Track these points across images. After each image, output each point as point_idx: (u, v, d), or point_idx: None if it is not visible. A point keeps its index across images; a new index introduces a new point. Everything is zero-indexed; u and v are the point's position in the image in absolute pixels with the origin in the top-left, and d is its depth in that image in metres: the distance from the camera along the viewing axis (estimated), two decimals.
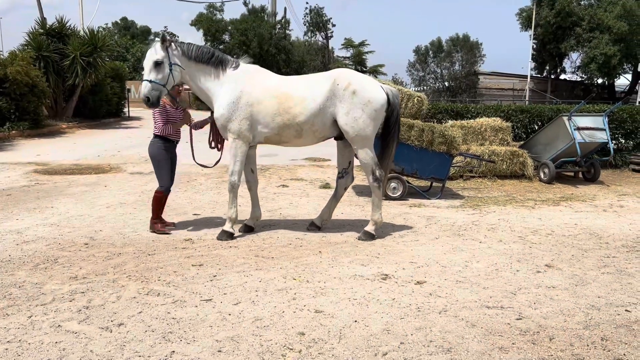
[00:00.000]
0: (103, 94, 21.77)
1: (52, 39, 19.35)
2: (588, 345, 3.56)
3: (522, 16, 34.50)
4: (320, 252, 5.48)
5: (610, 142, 10.19)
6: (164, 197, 6.18)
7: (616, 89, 35.45)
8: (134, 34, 50.40)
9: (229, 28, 34.63)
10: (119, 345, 3.42)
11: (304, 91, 5.80)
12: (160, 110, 5.96)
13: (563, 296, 4.40)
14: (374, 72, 40.81)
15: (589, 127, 10.05)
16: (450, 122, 10.59)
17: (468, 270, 4.98)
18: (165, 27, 67.45)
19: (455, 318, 3.92)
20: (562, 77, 37.41)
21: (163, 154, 6.08)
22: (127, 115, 25.47)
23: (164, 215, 6.35)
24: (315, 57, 37.17)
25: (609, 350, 3.49)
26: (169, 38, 5.82)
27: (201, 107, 30.18)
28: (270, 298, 4.23)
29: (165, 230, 6.08)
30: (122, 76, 24.90)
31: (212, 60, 5.86)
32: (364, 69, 40.91)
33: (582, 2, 31.92)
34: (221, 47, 36.14)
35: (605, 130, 10.13)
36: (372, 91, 5.82)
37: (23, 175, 9.58)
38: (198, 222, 6.59)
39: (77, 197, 7.91)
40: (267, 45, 30.97)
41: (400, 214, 7.30)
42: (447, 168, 8.54)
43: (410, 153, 8.32)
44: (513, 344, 3.55)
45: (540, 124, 11.68)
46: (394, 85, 8.21)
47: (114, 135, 17.55)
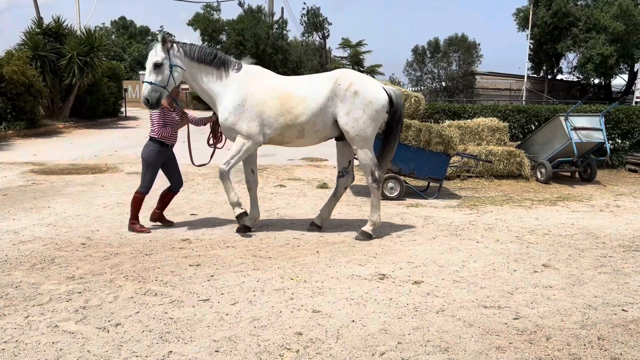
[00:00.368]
0: (100, 94, 21.71)
1: (48, 39, 19.31)
2: (585, 344, 3.57)
3: (519, 16, 34.56)
4: (317, 252, 5.48)
5: (606, 142, 10.22)
6: (143, 199, 6.19)
7: (612, 89, 35.54)
8: (133, 33, 50.29)
9: (226, 28, 34.61)
10: (116, 346, 3.42)
11: (305, 91, 5.81)
12: (158, 112, 5.97)
13: (560, 296, 4.42)
14: (371, 72, 40.78)
15: (585, 127, 10.08)
16: (447, 122, 10.61)
17: (465, 270, 4.99)
18: (161, 26, 67.38)
19: (453, 318, 3.93)
20: (559, 77, 37.50)
21: (154, 158, 6.08)
22: (124, 115, 25.42)
23: (152, 211, 6.47)
24: (313, 57, 37.16)
25: (606, 350, 3.50)
26: (171, 39, 5.80)
27: (199, 107, 30.19)
28: (268, 298, 4.22)
29: (144, 230, 6.09)
30: (119, 76, 24.86)
31: (215, 61, 5.85)
32: (362, 69, 40.88)
33: (579, 3, 31.99)
34: (218, 47, 36.10)
35: (601, 130, 10.16)
36: (374, 92, 5.83)
37: (20, 175, 9.55)
38: (195, 222, 6.59)
39: (74, 197, 7.89)
40: (263, 45, 30.94)
41: (397, 214, 7.31)
42: (445, 168, 8.55)
43: (407, 153, 8.33)
44: (510, 343, 3.56)
45: (537, 124, 11.71)
46: (391, 86, 8.23)
47: (111, 135, 17.52)
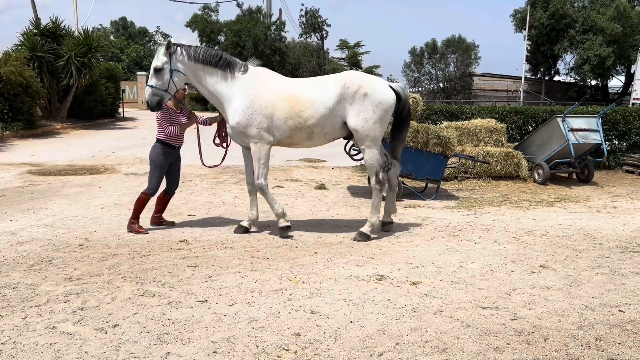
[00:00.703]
0: (97, 95, 21.69)
1: (46, 39, 19.28)
2: (582, 345, 3.58)
3: (516, 17, 34.67)
4: (315, 253, 5.49)
5: (603, 144, 10.24)
6: (148, 200, 6.24)
7: (609, 90, 35.64)
8: (132, 34, 50.25)
9: (224, 29, 34.61)
10: (114, 347, 3.42)
11: (314, 94, 5.84)
12: (163, 113, 6.03)
13: (557, 297, 4.43)
14: (369, 73, 40.76)
15: (582, 128, 10.11)
16: (445, 123, 10.63)
17: (463, 271, 5.00)
18: (157, 27, 67.30)
19: (451, 318, 3.94)
20: (556, 78, 37.61)
21: (161, 160, 6.14)
22: (122, 115, 25.39)
23: (151, 215, 6.51)
24: (311, 59, 37.20)
25: (603, 351, 3.51)
26: (175, 43, 5.87)
27: (196, 108, 30.15)
28: (266, 299, 4.22)
29: (142, 231, 6.10)
30: (116, 77, 24.82)
31: (220, 63, 5.87)
32: (359, 70, 40.94)
33: (576, 4, 32.09)
34: (216, 48, 36.11)
35: (598, 131, 10.18)
36: (383, 92, 5.89)
37: (17, 176, 9.53)
38: (193, 223, 6.59)
39: (71, 198, 7.88)
40: (261, 46, 30.96)
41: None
42: (442, 169, 8.56)
43: (405, 154, 8.28)
44: (508, 344, 3.57)
45: (534, 125, 11.72)
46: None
47: (109, 136, 17.49)
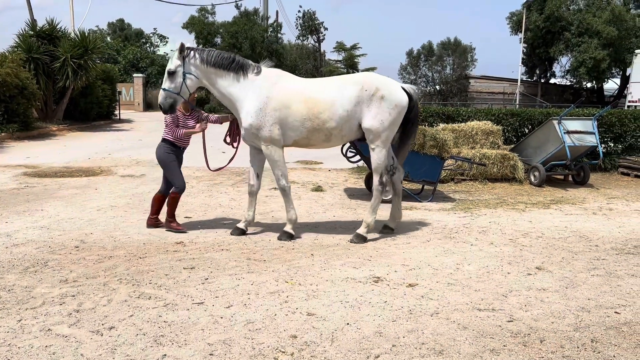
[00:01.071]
0: (94, 97, 21.64)
1: (42, 41, 19.24)
2: (578, 347, 3.59)
3: (512, 20, 34.80)
4: (312, 254, 5.48)
5: (599, 146, 10.27)
6: (179, 198, 6.33)
7: (605, 93, 35.81)
8: (127, 35, 50.16)
9: (221, 31, 34.60)
10: (109, 349, 3.40)
11: (333, 96, 5.86)
12: (172, 115, 6.07)
13: (553, 298, 4.44)
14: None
15: (578, 130, 10.13)
16: (441, 126, 10.63)
17: (459, 273, 5.01)
18: (154, 29, 67.18)
19: (447, 320, 3.94)
20: (552, 81, 37.76)
21: (171, 157, 6.19)
22: (118, 117, 25.34)
23: (147, 218, 6.52)
24: (307, 61, 37.23)
25: (599, 352, 3.52)
26: (188, 47, 5.89)
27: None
28: (262, 301, 4.22)
29: (181, 229, 6.23)
30: (113, 78, 24.76)
31: (233, 66, 5.90)
32: (356, 72, 40.99)
33: (571, 7, 32.23)
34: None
35: (594, 133, 10.21)
36: (399, 95, 5.95)
37: (12, 178, 9.50)
38: (189, 225, 6.57)
39: (67, 199, 7.85)
40: (259, 48, 30.97)
41: (389, 217, 7.31)
42: (439, 171, 8.58)
43: None
44: (504, 346, 3.57)
45: (530, 127, 11.75)
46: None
47: (105, 137, 17.46)
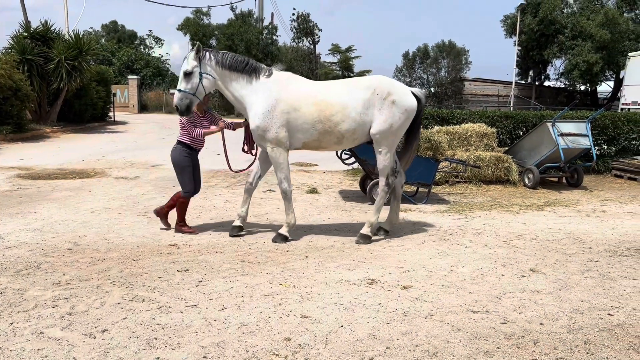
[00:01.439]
0: (88, 98, 21.59)
1: (36, 42, 19.17)
2: (572, 348, 3.60)
3: (506, 23, 34.96)
4: (306, 257, 5.48)
5: (593, 148, 10.33)
6: (188, 202, 6.35)
7: (599, 95, 36.01)
8: (122, 37, 50.06)
9: (216, 33, 34.60)
10: (102, 352, 3.38)
11: (345, 99, 5.87)
12: (188, 117, 6.07)
13: (547, 300, 4.45)
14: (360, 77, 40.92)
15: (572, 133, 10.18)
16: (436, 128, 10.65)
17: (454, 275, 5.01)
18: (150, 30, 67.12)
19: (441, 322, 3.94)
20: (546, 83, 37.95)
21: (186, 160, 6.18)
22: (113, 119, 25.29)
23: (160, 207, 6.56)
24: (303, 63, 37.25)
25: (592, 354, 3.53)
26: (204, 48, 5.91)
27: None
28: (257, 303, 4.21)
29: (193, 231, 6.26)
30: (107, 80, 24.73)
31: (247, 69, 5.92)
32: (351, 74, 41.05)
33: (565, 10, 32.42)
34: None
35: (588, 136, 10.27)
36: (409, 100, 5.97)
37: (5, 180, 9.44)
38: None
39: (60, 202, 7.81)
40: (254, 50, 30.98)
41: (386, 219, 7.31)
42: (433, 173, 8.59)
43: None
44: (498, 348, 3.58)
45: (524, 129, 11.80)
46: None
47: (99, 139, 17.40)
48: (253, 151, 6.48)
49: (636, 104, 20.72)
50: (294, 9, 70.29)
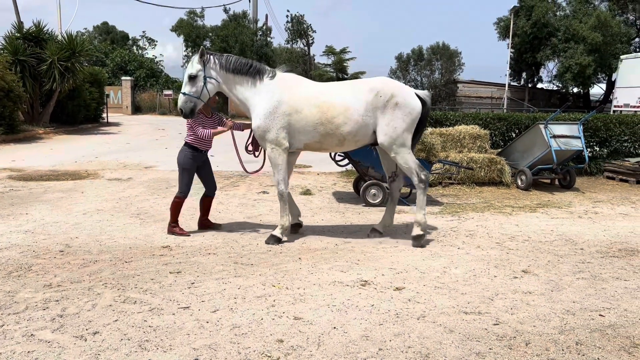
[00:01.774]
0: (81, 99, 21.49)
1: (29, 43, 19.08)
2: (563, 349, 3.61)
3: (499, 26, 35.08)
4: (300, 258, 5.47)
5: (585, 150, 10.39)
6: (182, 203, 6.37)
7: (591, 98, 36.19)
8: (114, 38, 49.89)
9: (210, 34, 34.55)
10: (93, 354, 3.36)
11: (347, 101, 5.86)
12: (194, 118, 6.10)
13: (539, 301, 4.46)
14: (355, 79, 41.04)
15: (564, 135, 10.24)
16: (429, 130, 10.68)
17: (446, 276, 5.02)
18: (143, 31, 66.93)
19: (434, 324, 3.95)
20: (539, 86, 38.10)
21: (189, 163, 6.23)
22: (106, 121, 25.20)
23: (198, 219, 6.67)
24: (297, 65, 37.27)
25: (584, 355, 3.55)
26: (208, 52, 5.95)
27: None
28: (249, 305, 4.20)
29: (184, 233, 6.27)
30: (100, 81, 24.64)
31: (250, 71, 5.97)
32: (345, 76, 41.11)
33: (558, 13, 32.59)
34: None
35: (580, 138, 10.33)
36: (412, 102, 5.94)
37: None
38: None
39: (52, 203, 7.77)
40: (249, 52, 30.97)
41: (379, 220, 7.31)
42: None
43: None
44: (490, 349, 3.58)
45: (517, 131, 11.85)
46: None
47: (92, 141, 17.32)
48: (257, 152, 6.51)
49: (628, 106, 20.87)
50: (288, 10, 70.32)
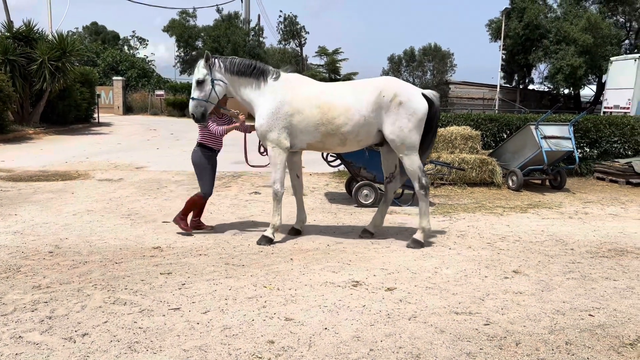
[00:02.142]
0: (72, 100, 21.34)
1: (19, 43, 18.93)
2: (553, 349, 3.63)
3: (491, 27, 35.24)
4: (291, 259, 5.46)
5: (575, 151, 10.45)
6: (203, 203, 6.46)
7: (582, 99, 36.44)
8: (105, 38, 49.59)
9: (202, 34, 34.47)
10: (82, 356, 3.33)
11: (348, 101, 5.85)
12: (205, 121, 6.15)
13: (529, 301, 4.48)
14: (348, 80, 41.14)
15: (555, 136, 10.30)
16: None
17: (437, 277, 5.03)
18: (133, 31, 66.63)
19: (425, 324, 3.95)
20: (531, 87, 38.32)
21: (206, 161, 6.28)
22: (97, 121, 25.05)
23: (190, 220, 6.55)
24: (289, 65, 37.26)
25: (573, 354, 3.56)
26: (212, 55, 5.99)
27: (173, 114, 29.80)
28: (240, 306, 4.18)
29: (188, 230, 6.31)
30: (92, 81, 24.48)
31: (254, 73, 6.00)
32: (338, 77, 41.16)
33: (549, 15, 32.80)
34: (194, 53, 35.93)
35: (570, 139, 10.39)
36: (417, 101, 5.90)
37: None
38: (167, 230, 6.50)
39: (42, 204, 7.71)
40: (241, 52, 30.91)
41: (370, 222, 7.32)
42: None
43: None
44: (481, 349, 3.59)
45: (508, 132, 11.90)
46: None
47: (83, 141, 17.21)
48: (266, 153, 6.54)
49: (618, 107, 21.05)
50: (281, 11, 70.38)
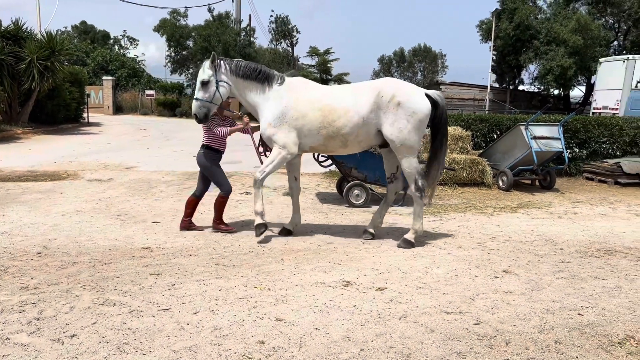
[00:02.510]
0: (61, 99, 21.18)
1: (7, 42, 18.76)
2: (542, 348, 3.65)
3: (482, 28, 35.44)
4: (282, 259, 5.45)
5: (565, 151, 10.53)
6: (227, 200, 6.49)
7: (571, 100, 36.75)
8: (94, 38, 49.21)
9: (193, 34, 34.34)
10: (70, 358, 3.30)
11: (347, 103, 5.87)
12: (210, 121, 6.15)
13: (519, 301, 4.50)
14: (339, 80, 41.18)
15: (545, 136, 10.37)
16: None
17: (428, 276, 5.04)
18: (124, 31, 66.20)
19: (415, 324, 3.95)
20: (521, 87, 38.57)
21: (212, 161, 6.32)
22: (87, 121, 24.85)
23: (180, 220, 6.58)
24: (281, 65, 37.23)
25: (562, 353, 3.58)
26: (218, 57, 6.00)
27: (163, 113, 29.60)
28: (230, 307, 4.16)
29: (230, 229, 6.43)
30: (81, 81, 24.28)
31: (259, 77, 6.02)
32: (329, 77, 41.19)
33: (540, 16, 33.03)
34: (184, 52, 35.78)
35: (560, 139, 10.46)
36: (417, 101, 5.86)
37: None
38: (157, 230, 6.46)
39: (30, 204, 7.63)
40: (232, 52, 30.82)
41: (362, 221, 7.33)
42: None
43: (373, 161, 8.38)
44: (471, 348, 3.60)
45: (498, 133, 11.96)
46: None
47: (72, 141, 17.07)
48: (267, 153, 6.59)
49: (607, 108, 21.23)
50: (272, 10, 70.19)
